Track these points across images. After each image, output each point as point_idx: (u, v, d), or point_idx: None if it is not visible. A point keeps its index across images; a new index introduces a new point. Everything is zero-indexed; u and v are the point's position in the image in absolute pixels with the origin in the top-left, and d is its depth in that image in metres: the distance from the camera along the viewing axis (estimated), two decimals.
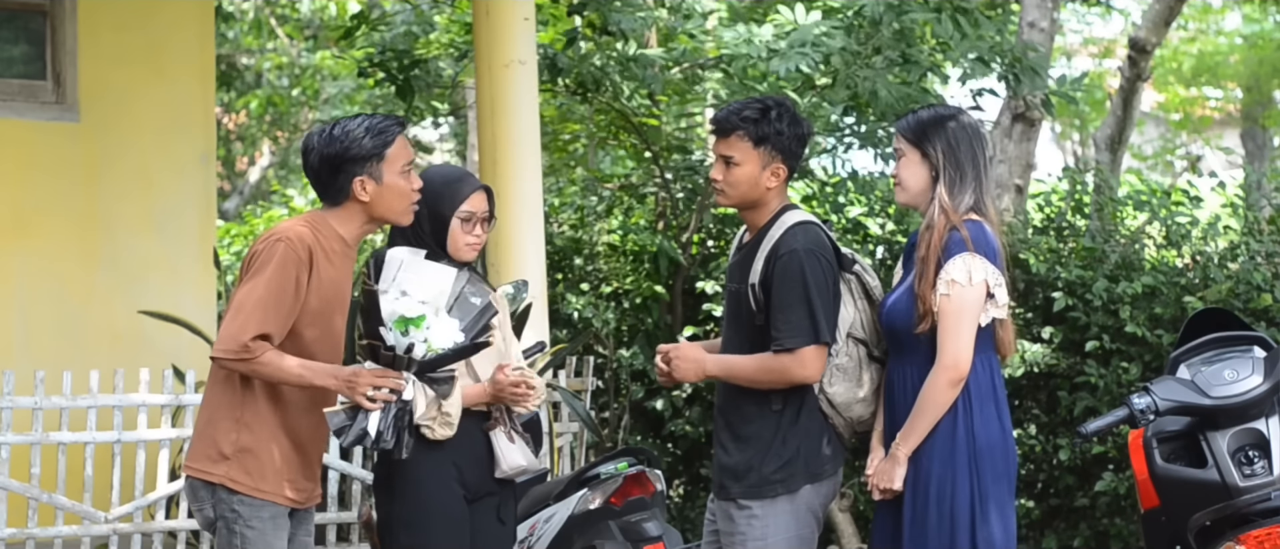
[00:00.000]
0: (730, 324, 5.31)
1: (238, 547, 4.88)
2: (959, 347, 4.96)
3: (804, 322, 5.08)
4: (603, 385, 9.22)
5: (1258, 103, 21.61)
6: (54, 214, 8.91)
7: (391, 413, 4.85)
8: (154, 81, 9.19)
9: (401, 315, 4.82)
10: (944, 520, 4.99)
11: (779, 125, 5.19)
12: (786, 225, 5.18)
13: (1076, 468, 8.31)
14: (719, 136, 5.25)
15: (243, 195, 19.81)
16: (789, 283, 5.09)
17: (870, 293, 5.28)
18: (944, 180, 5.06)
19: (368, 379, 4.80)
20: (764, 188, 5.21)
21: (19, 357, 8.47)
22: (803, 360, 5.09)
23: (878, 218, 9.37)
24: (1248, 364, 5.23)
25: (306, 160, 4.97)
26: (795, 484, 5.16)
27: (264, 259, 4.82)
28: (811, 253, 5.12)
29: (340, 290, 4.99)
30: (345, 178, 4.91)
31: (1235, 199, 9.11)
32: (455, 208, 5.17)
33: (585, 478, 6.22)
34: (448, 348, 4.89)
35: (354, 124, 4.93)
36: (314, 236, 4.88)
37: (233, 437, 4.87)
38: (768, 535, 5.16)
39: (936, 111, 5.19)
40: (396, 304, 4.84)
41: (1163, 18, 11.98)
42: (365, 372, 4.83)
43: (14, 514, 7.59)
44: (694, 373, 5.27)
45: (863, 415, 5.24)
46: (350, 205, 4.95)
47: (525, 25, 7.83)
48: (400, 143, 4.95)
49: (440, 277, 4.93)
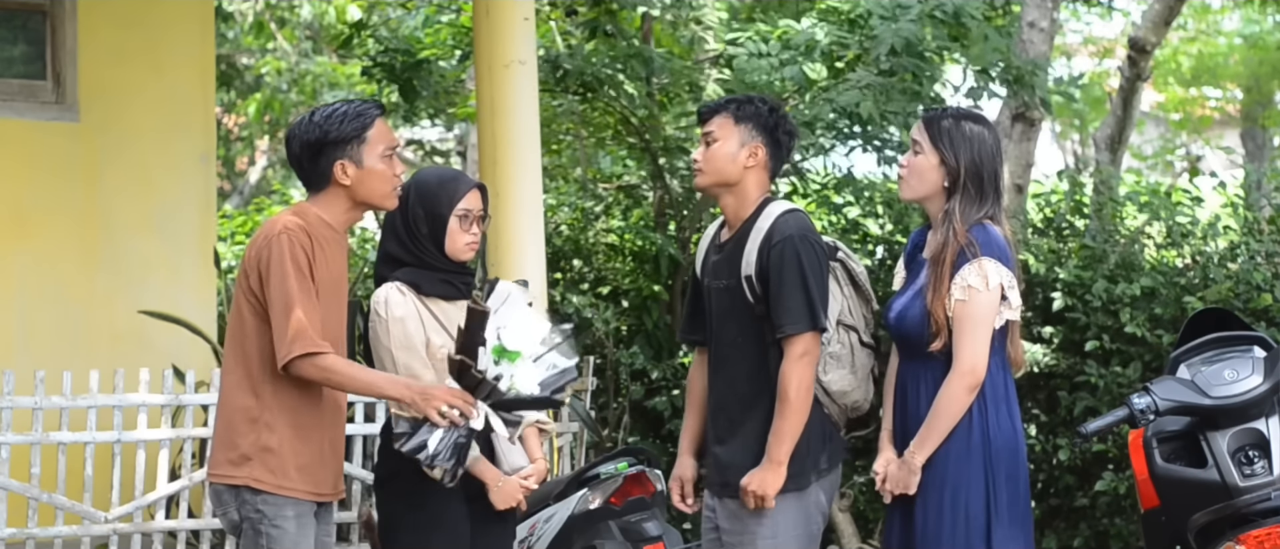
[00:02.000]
0: (727, 321, 5.24)
1: (264, 547, 4.86)
2: (976, 352, 4.95)
3: (802, 308, 5.06)
4: (603, 385, 9.22)
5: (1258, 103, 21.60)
6: (54, 214, 8.90)
7: (453, 436, 4.82)
8: (154, 81, 9.18)
9: (503, 345, 4.82)
10: (959, 524, 4.98)
11: (761, 108, 5.21)
12: (774, 214, 5.16)
13: (1076, 468, 8.31)
14: (704, 121, 5.26)
15: (243, 195, 19.80)
16: (786, 269, 5.07)
17: (856, 278, 5.27)
18: (963, 195, 5.04)
19: (444, 396, 4.79)
20: (741, 166, 5.18)
21: (19, 357, 8.46)
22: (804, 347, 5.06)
23: (878, 219, 9.38)
24: (1248, 364, 5.22)
25: (289, 149, 4.98)
26: (804, 481, 5.14)
27: (277, 255, 4.82)
28: (805, 238, 5.11)
29: (338, 278, 4.97)
30: (326, 162, 4.91)
31: (1235, 199, 9.12)
32: (453, 206, 5.17)
33: (585, 478, 6.22)
34: (525, 394, 4.89)
35: (333, 109, 4.94)
36: (306, 227, 4.88)
37: (252, 437, 4.85)
38: (778, 533, 5.14)
39: (962, 115, 5.13)
40: (502, 333, 4.84)
41: (1163, 18, 11.98)
42: (444, 388, 4.82)
43: (14, 514, 7.59)
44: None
45: (857, 401, 5.24)
46: (333, 190, 4.94)
47: (525, 25, 7.83)
48: (380, 126, 4.95)
49: (540, 325, 4.96)
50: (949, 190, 5.07)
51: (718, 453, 5.26)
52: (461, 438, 4.83)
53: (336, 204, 4.96)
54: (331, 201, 4.96)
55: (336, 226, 4.97)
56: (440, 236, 5.17)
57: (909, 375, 5.13)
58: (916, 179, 5.12)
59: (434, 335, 5.12)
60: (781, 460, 5.09)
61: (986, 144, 5.08)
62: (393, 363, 5.11)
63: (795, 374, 5.06)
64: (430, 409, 4.77)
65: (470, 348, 4.82)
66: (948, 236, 5.02)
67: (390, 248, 5.24)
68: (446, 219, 5.17)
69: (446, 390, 4.81)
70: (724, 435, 5.25)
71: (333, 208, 4.96)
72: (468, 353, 4.82)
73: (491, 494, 5.17)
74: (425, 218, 5.16)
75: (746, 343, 5.17)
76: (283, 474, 4.85)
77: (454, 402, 4.78)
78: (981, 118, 5.17)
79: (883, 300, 8.66)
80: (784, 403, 5.07)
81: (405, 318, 5.12)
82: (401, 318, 5.12)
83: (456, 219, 5.18)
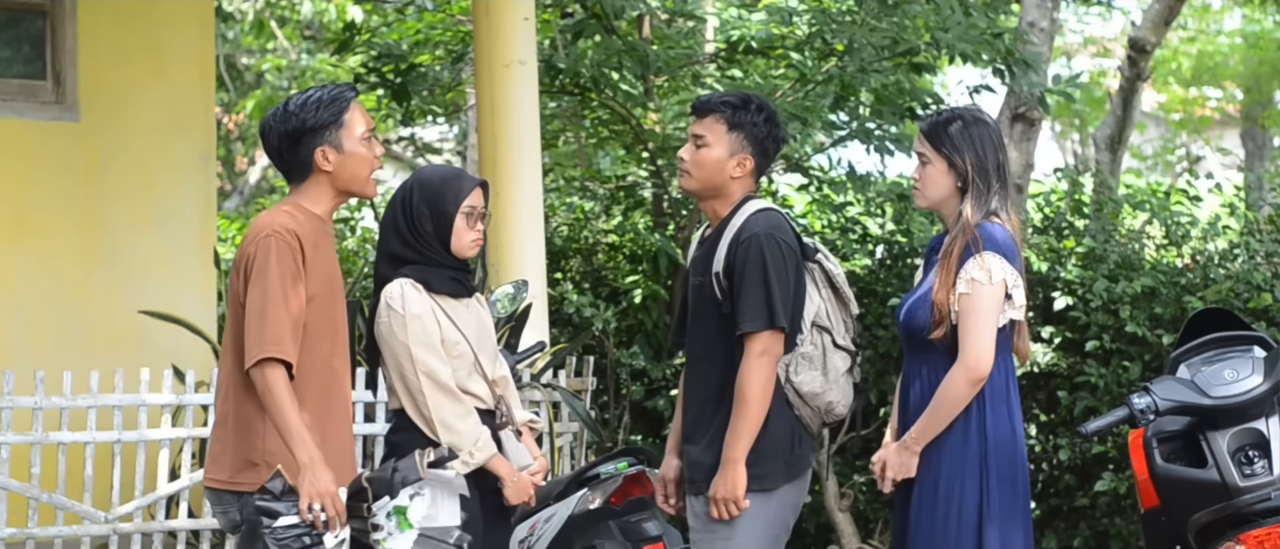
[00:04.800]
0: (697, 318, 5.25)
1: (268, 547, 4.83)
2: (980, 345, 4.95)
3: (762, 306, 5.04)
4: (603, 385, 9.22)
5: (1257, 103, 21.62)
6: (54, 214, 8.90)
7: (300, 532, 4.69)
8: (154, 81, 9.18)
9: (405, 509, 4.76)
10: (950, 519, 4.98)
11: (756, 117, 5.18)
12: (748, 212, 5.16)
13: (1076, 468, 8.31)
14: (697, 116, 5.24)
15: (243, 195, 19.80)
16: (749, 267, 5.06)
17: (833, 281, 5.25)
18: (972, 194, 5.05)
19: (327, 497, 4.65)
20: (728, 175, 5.18)
21: (19, 357, 8.46)
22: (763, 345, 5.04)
23: (877, 217, 9.37)
24: (1248, 364, 5.22)
25: (267, 141, 4.93)
26: (772, 483, 5.12)
27: (262, 257, 4.77)
28: (771, 237, 5.09)
29: (333, 272, 4.93)
30: (306, 150, 4.86)
31: (1235, 199, 9.12)
32: (459, 204, 5.17)
33: (585, 478, 6.22)
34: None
35: (307, 96, 4.90)
36: (296, 223, 4.83)
37: (262, 444, 4.79)
38: (734, 536, 5.11)
39: (960, 116, 5.14)
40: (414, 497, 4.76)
41: (1163, 18, 11.97)
42: (332, 490, 4.67)
43: (14, 514, 7.59)
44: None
45: (832, 403, 5.20)
46: (316, 179, 4.90)
47: (525, 25, 7.83)
48: (356, 109, 4.91)
49: (452, 515, 4.87)
50: (961, 191, 5.09)
51: (688, 450, 5.26)
52: (305, 540, 4.70)
53: (320, 193, 4.92)
54: (315, 191, 4.92)
55: (324, 216, 4.93)
56: (446, 234, 5.16)
57: (912, 370, 5.13)
58: (930, 188, 5.13)
59: (447, 332, 5.13)
60: (737, 459, 5.06)
61: (987, 138, 5.09)
62: (410, 360, 5.08)
63: (753, 373, 5.05)
64: (305, 496, 4.65)
65: (382, 484, 4.74)
66: (958, 233, 5.04)
67: (393, 247, 5.21)
68: (453, 217, 5.16)
69: (333, 494, 4.67)
70: (693, 433, 5.24)
71: (318, 198, 4.92)
72: (377, 486, 4.74)
73: (506, 489, 5.18)
74: (430, 216, 5.15)
75: (717, 340, 5.16)
76: (291, 475, 4.81)
77: (329, 511, 4.66)
78: (977, 112, 5.19)
79: (882, 300, 8.73)
80: (741, 401, 5.06)
81: (423, 315, 5.11)
82: (419, 315, 5.10)
83: (463, 216, 5.18)
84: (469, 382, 5.16)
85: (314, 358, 4.84)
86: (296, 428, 4.68)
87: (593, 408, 8.59)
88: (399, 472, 4.76)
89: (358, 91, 4.98)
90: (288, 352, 4.70)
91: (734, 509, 5.06)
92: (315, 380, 4.84)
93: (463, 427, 5.09)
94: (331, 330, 4.89)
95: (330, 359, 4.89)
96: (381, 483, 4.74)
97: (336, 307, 4.94)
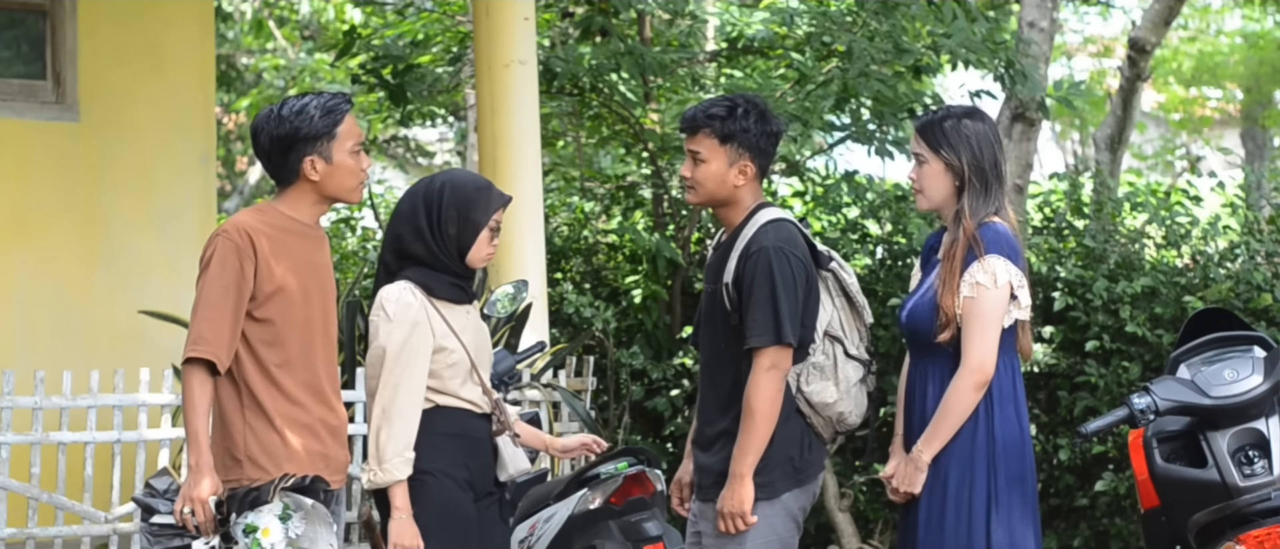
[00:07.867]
0: (706, 324, 5.27)
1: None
2: (984, 349, 4.95)
3: (769, 321, 5.03)
4: (602, 385, 9.22)
5: (1258, 103, 21.63)
6: (54, 214, 8.91)
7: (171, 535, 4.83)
8: (154, 81, 9.19)
9: (253, 524, 4.78)
10: (961, 520, 4.98)
11: (745, 122, 5.16)
12: (759, 223, 5.15)
13: (1076, 468, 8.31)
14: (688, 134, 5.23)
15: (243, 195, 19.80)
16: (758, 281, 5.05)
17: (847, 290, 5.24)
18: (969, 192, 5.04)
19: (199, 505, 4.75)
20: (732, 185, 5.18)
21: (19, 357, 8.47)
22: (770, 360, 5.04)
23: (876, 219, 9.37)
24: (1248, 364, 5.22)
25: (257, 142, 4.93)
26: (776, 490, 5.11)
27: (207, 256, 4.84)
28: (780, 250, 5.07)
29: (307, 268, 4.92)
30: (296, 158, 4.87)
31: (1235, 199, 9.12)
32: (489, 216, 5.11)
33: (585, 478, 6.21)
34: None
35: (303, 103, 4.88)
36: (258, 222, 4.84)
37: (242, 439, 4.83)
38: (743, 541, 5.10)
39: (954, 114, 5.13)
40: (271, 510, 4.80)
41: (1163, 18, 11.97)
42: (206, 503, 4.75)
43: (14, 514, 7.59)
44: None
45: (844, 413, 5.19)
46: (300, 186, 4.91)
47: (525, 25, 7.83)
48: (349, 121, 4.92)
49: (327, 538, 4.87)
50: (959, 190, 5.08)
51: (698, 456, 5.27)
52: (175, 541, 4.83)
53: (303, 199, 4.93)
54: (298, 197, 4.93)
55: (307, 221, 4.94)
56: (468, 242, 5.08)
57: (917, 373, 5.12)
58: (929, 189, 5.12)
59: (444, 340, 5.09)
60: (744, 474, 5.05)
61: (984, 136, 5.09)
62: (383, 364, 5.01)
63: (760, 388, 5.04)
64: (183, 500, 4.76)
65: (236, 500, 4.80)
66: (958, 234, 5.03)
67: (406, 241, 5.11)
68: (481, 227, 5.09)
69: (204, 501, 4.74)
70: (703, 440, 5.26)
71: (299, 203, 4.93)
72: (232, 502, 4.79)
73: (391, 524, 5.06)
74: (457, 220, 5.07)
75: (727, 348, 5.16)
76: (276, 467, 4.83)
77: (199, 516, 4.75)
78: (973, 110, 5.18)
79: (882, 299, 8.73)
80: (748, 416, 5.05)
81: (419, 324, 5.01)
82: (415, 323, 5.01)
83: (488, 230, 5.14)
84: (464, 389, 5.13)
85: (287, 353, 4.87)
86: (193, 428, 4.76)
87: (592, 408, 8.60)
88: (256, 490, 4.81)
89: (352, 103, 4.98)
90: (211, 351, 4.77)
91: (741, 523, 5.06)
92: (292, 374, 4.87)
93: (388, 447, 4.98)
94: (305, 327, 4.90)
95: (309, 354, 4.90)
96: (237, 499, 4.81)
97: (313, 304, 4.93)
